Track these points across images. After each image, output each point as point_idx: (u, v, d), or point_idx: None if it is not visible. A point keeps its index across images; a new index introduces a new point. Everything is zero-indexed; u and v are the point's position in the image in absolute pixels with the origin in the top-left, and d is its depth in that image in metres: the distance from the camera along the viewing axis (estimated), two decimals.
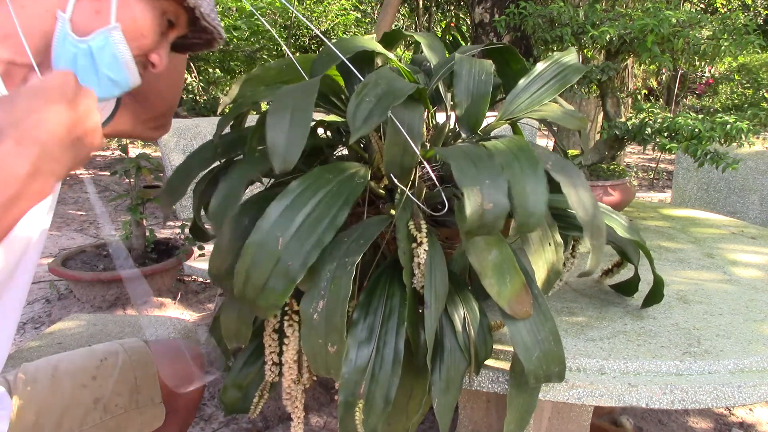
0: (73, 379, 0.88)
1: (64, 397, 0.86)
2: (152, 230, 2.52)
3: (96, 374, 0.90)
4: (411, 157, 0.64)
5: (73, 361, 0.91)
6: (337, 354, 0.58)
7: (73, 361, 0.91)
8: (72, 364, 0.90)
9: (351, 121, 0.57)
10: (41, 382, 0.86)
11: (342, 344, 0.57)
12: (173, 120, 1.82)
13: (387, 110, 0.58)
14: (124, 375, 0.91)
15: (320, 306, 0.58)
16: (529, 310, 0.64)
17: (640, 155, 6.66)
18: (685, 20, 1.21)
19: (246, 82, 0.78)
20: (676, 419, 1.73)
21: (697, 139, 1.08)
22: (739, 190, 1.87)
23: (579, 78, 0.84)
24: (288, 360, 0.66)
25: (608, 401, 0.68)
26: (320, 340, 0.58)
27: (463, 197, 0.55)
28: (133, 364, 0.93)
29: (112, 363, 0.92)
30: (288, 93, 0.60)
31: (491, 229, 0.57)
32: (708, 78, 7.47)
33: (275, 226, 0.57)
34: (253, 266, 0.57)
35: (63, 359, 0.92)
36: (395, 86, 0.62)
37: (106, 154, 5.80)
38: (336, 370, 0.59)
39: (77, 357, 0.92)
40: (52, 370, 0.88)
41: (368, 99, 0.59)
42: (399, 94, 0.60)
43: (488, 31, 3.15)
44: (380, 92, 0.60)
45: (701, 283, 0.98)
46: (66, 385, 0.87)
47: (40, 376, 0.87)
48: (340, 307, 0.57)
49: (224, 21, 6.73)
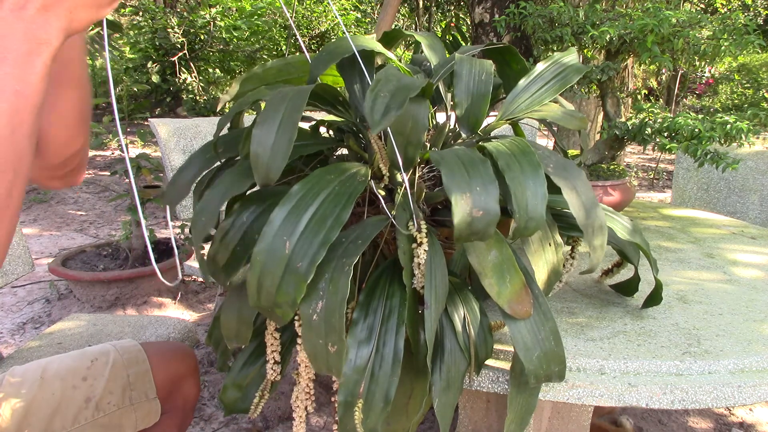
0: (63, 380, 0.88)
1: (54, 398, 0.86)
2: (152, 230, 2.52)
3: (86, 375, 0.90)
4: (414, 147, 0.64)
5: (62, 363, 0.91)
6: (337, 354, 0.58)
7: (63, 363, 0.91)
8: (61, 366, 0.90)
9: (369, 116, 0.58)
10: (30, 383, 0.86)
11: (342, 344, 0.57)
12: (173, 120, 1.82)
13: (403, 104, 0.58)
14: (115, 373, 0.91)
15: (319, 307, 0.58)
16: (530, 309, 0.64)
17: (640, 155, 6.66)
18: (685, 20, 1.21)
19: (246, 81, 0.78)
20: (676, 419, 1.73)
21: (697, 139, 1.08)
22: (739, 190, 1.87)
23: (579, 78, 0.84)
24: (303, 359, 0.66)
25: (608, 401, 0.68)
26: (320, 340, 0.58)
27: (452, 205, 0.56)
28: (125, 363, 0.93)
29: (102, 363, 0.92)
30: (276, 101, 0.61)
31: (482, 236, 0.58)
32: (708, 78, 7.47)
33: (281, 230, 0.57)
34: (264, 274, 0.57)
35: (53, 361, 0.91)
36: (405, 82, 0.62)
37: (106, 154, 5.80)
38: (337, 369, 0.59)
39: (67, 359, 0.92)
40: (41, 371, 0.88)
41: (383, 94, 0.60)
42: (412, 87, 0.61)
43: (488, 31, 3.15)
44: (392, 88, 0.61)
45: (701, 283, 0.98)
46: (56, 386, 0.87)
47: (29, 378, 0.87)
48: (338, 308, 0.57)
49: (224, 21, 6.73)
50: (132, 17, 6.88)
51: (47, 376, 0.88)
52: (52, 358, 0.92)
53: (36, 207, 3.98)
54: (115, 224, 3.67)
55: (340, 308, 0.57)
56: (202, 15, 6.58)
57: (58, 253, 2.95)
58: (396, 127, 0.63)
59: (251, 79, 0.79)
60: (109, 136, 2.49)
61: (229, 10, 6.90)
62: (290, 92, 0.62)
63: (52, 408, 0.85)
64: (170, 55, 6.46)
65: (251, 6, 6.89)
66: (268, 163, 0.58)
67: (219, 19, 6.66)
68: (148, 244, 0.74)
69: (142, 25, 6.54)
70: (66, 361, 0.91)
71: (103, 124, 2.52)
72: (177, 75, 6.54)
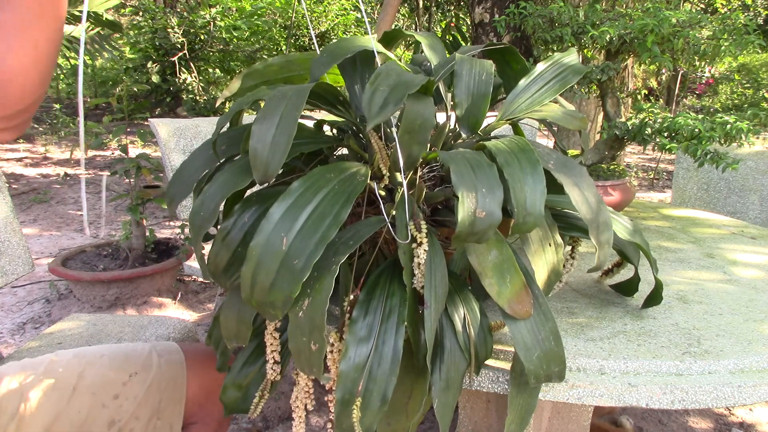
0: (94, 396, 0.83)
1: (80, 416, 0.81)
2: (152, 230, 2.52)
3: (120, 392, 0.84)
4: (420, 146, 0.64)
5: (100, 371, 0.85)
6: (318, 352, 0.57)
7: (101, 372, 0.85)
8: (98, 376, 0.85)
9: (367, 109, 0.58)
10: (63, 389, 0.82)
11: (323, 342, 0.57)
12: (173, 120, 1.82)
13: (401, 100, 0.58)
14: (149, 397, 0.86)
15: (306, 304, 0.58)
16: (530, 309, 0.64)
17: (640, 155, 6.66)
18: (685, 20, 1.21)
19: (246, 77, 0.78)
20: (676, 419, 1.73)
21: (697, 139, 1.08)
22: (739, 190, 1.87)
23: (579, 78, 0.84)
24: None
25: (608, 401, 0.68)
26: (304, 338, 0.58)
27: (458, 201, 0.56)
28: (163, 384, 0.88)
29: (140, 380, 0.86)
30: (276, 100, 0.60)
31: (481, 238, 0.58)
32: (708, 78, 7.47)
33: (279, 226, 0.57)
34: (259, 268, 0.56)
35: (93, 363, 0.86)
36: (405, 78, 0.62)
37: (106, 154, 5.80)
38: (318, 369, 0.58)
39: (107, 366, 0.86)
40: (77, 378, 0.83)
41: (382, 88, 0.60)
42: (411, 84, 0.61)
43: (488, 31, 3.15)
44: (392, 82, 0.61)
45: (701, 283, 0.98)
46: (85, 401, 0.82)
47: (65, 379, 0.82)
48: (321, 306, 0.57)
49: (224, 21, 6.73)
50: (132, 17, 6.88)
51: (81, 387, 0.83)
52: (93, 357, 0.87)
53: (36, 207, 3.99)
54: (115, 224, 3.67)
55: (323, 306, 0.57)
56: (202, 15, 6.58)
57: (58, 253, 2.95)
58: (405, 125, 0.63)
59: (252, 75, 0.78)
60: (109, 136, 2.49)
61: (229, 10, 6.90)
62: (290, 91, 0.62)
63: (75, 427, 0.81)
64: (170, 55, 6.46)
65: (251, 6, 6.89)
66: (267, 159, 0.58)
67: (219, 19, 6.67)
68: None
69: (142, 25, 6.54)
70: (104, 370, 0.86)
71: (103, 124, 2.52)
72: (177, 75, 6.54)
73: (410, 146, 0.64)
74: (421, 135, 0.63)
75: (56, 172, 4.98)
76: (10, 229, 1.32)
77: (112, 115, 3.86)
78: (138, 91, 7.26)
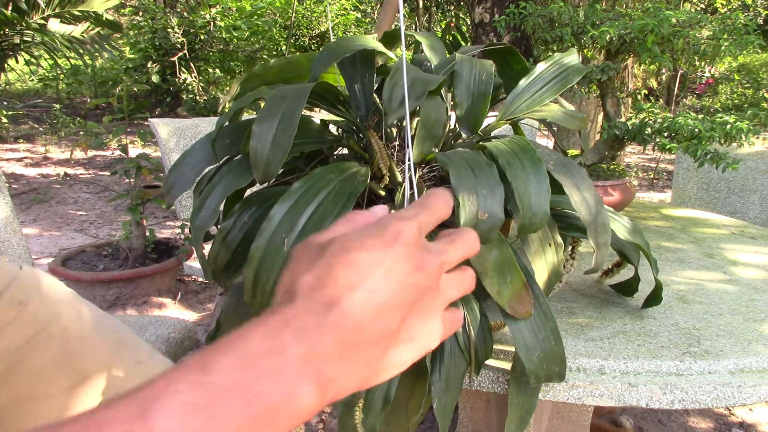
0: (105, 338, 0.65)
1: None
2: (152, 230, 2.52)
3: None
4: (431, 142, 0.64)
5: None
6: None
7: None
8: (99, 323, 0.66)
9: (387, 103, 0.58)
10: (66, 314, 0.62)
11: None
12: (173, 120, 1.82)
13: (422, 95, 0.58)
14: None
15: None
16: (530, 309, 0.64)
17: (640, 155, 6.66)
18: (685, 20, 1.21)
19: (246, 80, 0.78)
20: (676, 419, 1.73)
21: (697, 139, 1.08)
22: (739, 190, 1.87)
23: (579, 78, 0.84)
24: None
25: (608, 401, 0.68)
26: None
27: (458, 205, 0.55)
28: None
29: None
30: (277, 99, 0.60)
31: (484, 239, 0.58)
32: (708, 78, 7.47)
33: (280, 227, 0.57)
34: (261, 269, 0.56)
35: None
36: (422, 75, 0.63)
37: (106, 154, 5.80)
38: None
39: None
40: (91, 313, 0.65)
41: (401, 84, 0.60)
42: (430, 81, 0.61)
43: (488, 31, 3.15)
44: (411, 78, 0.61)
45: (701, 283, 0.98)
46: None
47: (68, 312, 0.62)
48: None
49: (224, 21, 6.73)
50: (132, 17, 6.88)
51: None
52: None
53: (36, 207, 3.98)
54: (115, 224, 3.66)
55: None
56: (202, 15, 6.58)
57: (58, 253, 2.95)
58: (423, 120, 0.64)
59: (252, 79, 0.78)
60: (109, 136, 2.49)
61: (229, 10, 6.90)
62: (290, 91, 0.62)
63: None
64: (170, 55, 6.46)
65: (251, 6, 6.89)
66: (267, 159, 0.58)
67: (219, 19, 6.67)
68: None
69: (142, 25, 6.54)
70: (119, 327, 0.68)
71: (103, 124, 2.52)
72: (177, 75, 6.54)
73: (423, 141, 0.64)
74: (435, 130, 0.64)
75: (56, 172, 4.98)
76: (10, 229, 1.32)
77: (112, 115, 3.86)
78: (138, 91, 7.26)
